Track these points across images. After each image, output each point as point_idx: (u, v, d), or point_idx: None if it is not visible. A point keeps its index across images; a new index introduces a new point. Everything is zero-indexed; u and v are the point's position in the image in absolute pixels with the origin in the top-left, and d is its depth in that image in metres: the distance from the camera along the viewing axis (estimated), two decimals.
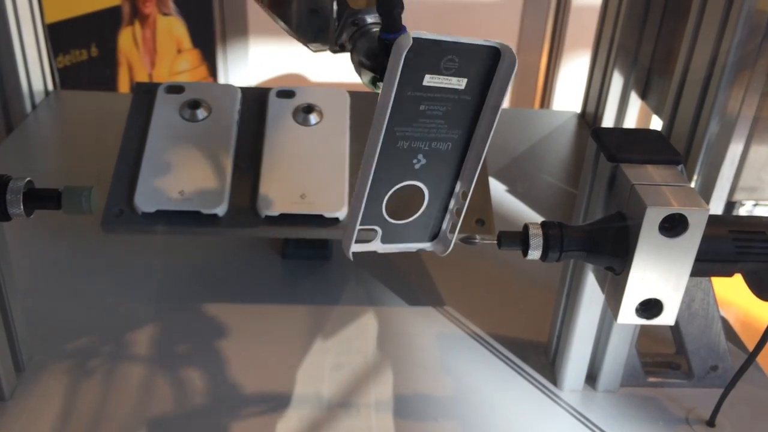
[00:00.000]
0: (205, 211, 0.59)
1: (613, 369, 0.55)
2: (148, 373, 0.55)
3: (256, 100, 0.67)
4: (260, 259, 0.69)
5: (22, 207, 0.41)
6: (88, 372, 0.55)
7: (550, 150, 0.91)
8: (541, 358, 0.59)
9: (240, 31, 1.95)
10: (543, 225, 0.45)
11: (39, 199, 0.41)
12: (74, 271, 0.66)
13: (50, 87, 0.95)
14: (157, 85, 0.66)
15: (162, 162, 0.61)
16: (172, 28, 1.77)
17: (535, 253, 0.45)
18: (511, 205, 0.79)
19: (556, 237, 0.44)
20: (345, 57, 0.50)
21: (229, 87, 0.66)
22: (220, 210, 0.59)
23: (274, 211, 0.59)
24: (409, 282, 0.67)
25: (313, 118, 0.65)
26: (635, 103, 0.90)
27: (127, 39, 1.62)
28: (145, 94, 0.66)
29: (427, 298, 0.65)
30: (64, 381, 0.54)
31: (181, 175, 0.60)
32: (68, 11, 1.40)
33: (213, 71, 1.95)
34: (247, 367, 0.57)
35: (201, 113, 0.64)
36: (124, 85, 1.64)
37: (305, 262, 0.69)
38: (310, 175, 0.61)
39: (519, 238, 0.45)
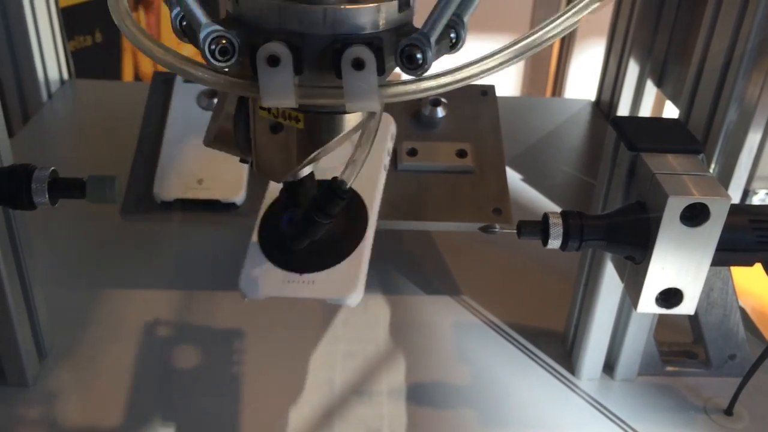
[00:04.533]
0: (224, 199, 0.59)
1: (631, 358, 0.55)
2: (164, 359, 0.56)
3: None
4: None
5: (47, 196, 0.41)
6: (109, 359, 0.56)
7: (565, 139, 0.91)
8: (558, 346, 0.59)
9: None
10: (563, 214, 0.45)
11: (64, 188, 0.42)
12: (94, 260, 0.66)
13: (65, 76, 0.95)
14: (174, 75, 0.66)
15: (180, 151, 0.61)
16: None
17: (555, 243, 0.45)
18: (525, 194, 0.79)
19: (576, 226, 0.44)
20: None
21: None
22: (239, 199, 0.60)
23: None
24: (425, 271, 0.68)
25: None
26: (651, 91, 0.89)
27: None
28: (162, 83, 0.66)
29: (443, 287, 0.66)
30: (86, 368, 0.55)
31: (200, 164, 0.60)
32: None
33: None
34: (261, 354, 0.57)
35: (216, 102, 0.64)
36: (128, 72, 1.64)
37: None
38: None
39: (539, 228, 0.45)
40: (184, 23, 0.30)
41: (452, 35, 0.29)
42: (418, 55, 0.28)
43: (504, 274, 0.67)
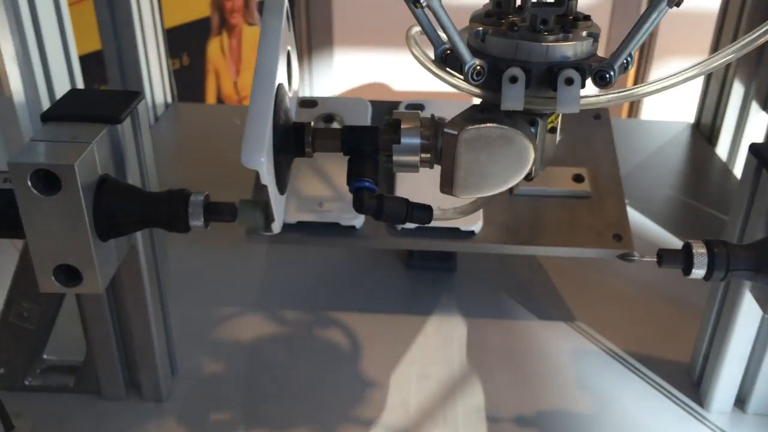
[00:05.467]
0: (344, 222, 0.60)
1: (766, 391, 0.53)
2: (284, 376, 0.57)
3: (384, 113, 0.68)
4: (385, 269, 0.70)
5: (202, 219, 0.43)
6: (235, 376, 0.57)
7: (666, 161, 0.89)
8: (683, 377, 0.57)
9: (325, 40, 1.98)
10: (707, 243, 0.44)
11: (216, 211, 0.43)
12: (218, 278, 0.68)
13: (169, 99, 0.98)
14: None
15: (301, 174, 0.62)
16: (257, 38, 1.82)
17: (699, 272, 0.44)
18: (632, 218, 0.78)
19: (722, 256, 0.43)
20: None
21: (359, 101, 0.68)
22: (358, 222, 0.60)
23: (411, 224, 0.60)
24: (535, 295, 0.67)
25: None
26: (756, 114, 0.87)
27: (215, 48, 1.68)
28: None
29: (557, 312, 0.65)
30: (213, 384, 0.57)
31: (320, 188, 0.62)
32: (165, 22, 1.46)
33: None
34: (375, 374, 0.57)
35: (335, 126, 0.65)
36: (211, 93, 1.70)
37: (429, 273, 0.69)
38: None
39: (680, 257, 0.44)
40: (444, 55, 0.42)
41: (625, 61, 0.39)
42: (607, 75, 0.39)
43: (618, 301, 0.66)
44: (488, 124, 0.40)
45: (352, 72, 1.99)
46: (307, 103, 0.67)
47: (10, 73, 0.64)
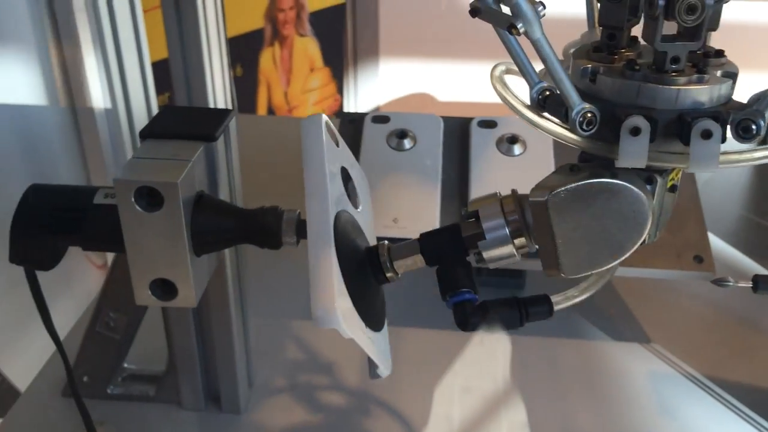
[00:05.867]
0: None
1: None
2: (345, 388, 0.57)
3: (456, 129, 0.68)
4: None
5: (295, 237, 0.43)
6: (307, 388, 0.58)
7: (731, 178, 0.88)
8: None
9: (371, 49, 2.00)
10: None
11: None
12: (288, 291, 0.69)
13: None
14: (362, 114, 0.68)
15: (375, 190, 0.63)
16: (307, 48, 1.84)
17: None
18: None
19: None
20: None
21: (432, 117, 0.68)
22: None
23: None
24: (606, 314, 0.66)
25: (517, 148, 0.65)
26: None
27: (267, 59, 1.70)
28: (350, 122, 0.69)
29: (630, 333, 0.64)
30: (288, 396, 0.57)
31: (394, 203, 0.62)
32: None
33: (340, 89, 2.01)
34: (435, 389, 0.57)
35: (408, 143, 0.65)
36: (262, 104, 1.72)
37: (498, 291, 0.69)
38: None
39: None
40: (542, 96, 0.35)
41: None
42: (753, 127, 0.31)
43: (696, 324, 0.65)
44: (584, 181, 0.33)
45: (396, 82, 1.99)
46: (380, 119, 0.68)
47: (92, 85, 0.66)
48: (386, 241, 0.39)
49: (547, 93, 0.35)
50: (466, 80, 1.91)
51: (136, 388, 0.56)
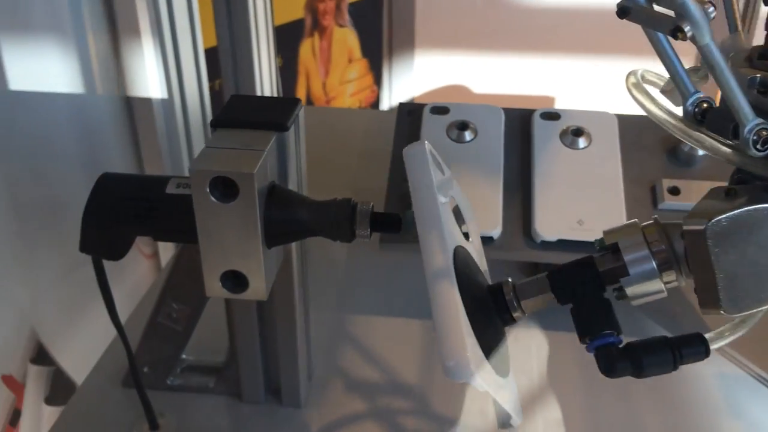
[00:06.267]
0: (482, 233, 0.59)
1: None
2: (401, 384, 0.56)
3: (518, 120, 0.66)
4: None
5: (369, 229, 0.42)
6: (365, 382, 0.57)
7: None
8: None
9: (407, 41, 1.98)
10: None
11: (382, 222, 0.42)
12: (349, 285, 0.68)
13: None
14: (420, 105, 0.67)
15: None
16: (346, 39, 1.83)
17: None
18: None
19: None
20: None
21: (493, 108, 0.66)
22: (495, 233, 0.59)
23: (551, 237, 0.58)
24: (669, 311, 0.64)
25: (582, 141, 0.63)
26: None
27: (307, 50, 1.69)
28: (408, 114, 0.67)
29: (694, 331, 0.62)
30: (347, 390, 0.56)
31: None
32: None
33: (378, 80, 2.00)
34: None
35: (468, 135, 0.64)
36: (301, 93, 1.71)
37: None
38: (587, 201, 0.60)
39: None
40: (698, 109, 0.32)
41: None
42: None
43: (766, 322, 0.63)
44: (748, 207, 0.30)
45: (431, 74, 1.98)
46: (439, 110, 0.66)
47: (148, 74, 0.65)
48: (510, 279, 0.36)
49: (705, 105, 0.32)
50: (500, 73, 1.89)
51: (195, 380, 0.56)
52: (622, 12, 0.31)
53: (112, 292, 0.45)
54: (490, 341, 0.34)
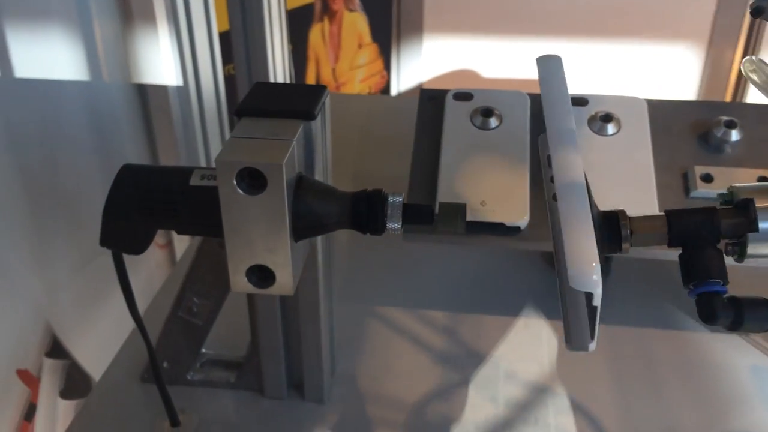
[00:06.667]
0: (509, 223, 0.57)
1: None
2: (423, 378, 0.55)
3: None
4: (539, 273, 0.67)
5: (400, 222, 0.41)
6: (389, 376, 0.56)
7: None
8: None
9: (415, 26, 1.95)
10: None
11: (414, 214, 0.41)
12: (370, 278, 0.67)
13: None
14: (443, 92, 0.65)
15: (460, 171, 0.60)
16: (356, 24, 1.81)
17: None
18: None
19: None
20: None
21: (518, 94, 0.64)
22: (523, 222, 0.57)
23: None
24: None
25: (611, 127, 0.61)
26: None
27: (316, 35, 1.67)
28: (430, 100, 0.66)
29: None
30: (370, 384, 0.55)
31: (481, 186, 0.59)
32: None
33: (387, 65, 1.97)
34: (511, 380, 0.55)
35: (493, 121, 0.62)
36: (311, 79, 1.69)
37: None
38: (617, 189, 0.58)
39: None
40: None
41: None
42: None
43: None
44: None
45: (440, 59, 1.95)
46: (463, 96, 0.64)
47: (164, 60, 0.64)
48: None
49: None
50: (507, 57, 1.86)
51: (216, 375, 0.55)
52: (757, 12, 0.31)
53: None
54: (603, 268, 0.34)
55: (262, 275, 0.41)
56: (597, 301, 0.32)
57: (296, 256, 0.41)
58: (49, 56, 0.63)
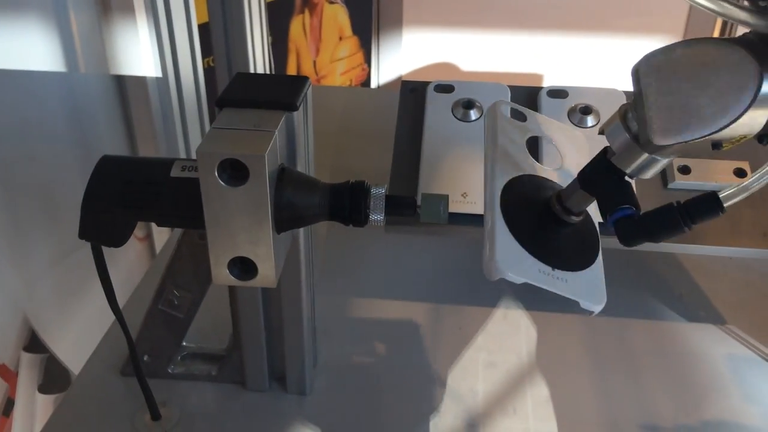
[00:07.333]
0: None
1: None
2: (406, 368, 0.55)
3: (524, 98, 0.65)
4: None
5: (383, 213, 0.41)
6: (370, 367, 0.56)
7: None
8: None
9: (395, 19, 1.95)
10: None
11: (397, 205, 0.41)
12: (351, 270, 0.67)
13: None
14: (424, 83, 0.65)
15: (441, 163, 0.60)
16: (337, 16, 1.80)
17: None
18: None
19: None
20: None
21: (498, 86, 0.65)
22: None
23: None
24: (678, 295, 0.64)
25: (590, 119, 0.62)
26: None
27: (297, 27, 1.66)
28: (411, 92, 0.66)
29: (704, 314, 0.61)
30: (352, 375, 0.55)
31: (462, 177, 0.59)
32: None
33: (368, 58, 1.97)
34: (477, 367, 0.55)
35: (474, 113, 0.62)
36: (291, 72, 1.68)
37: None
38: None
39: None
40: None
41: None
42: None
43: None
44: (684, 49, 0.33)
45: (419, 52, 1.95)
46: (444, 88, 0.64)
47: (143, 51, 0.63)
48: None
49: None
50: (486, 50, 1.87)
51: (197, 368, 0.54)
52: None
53: None
54: (547, 243, 0.40)
55: (244, 267, 0.41)
56: (518, 281, 0.39)
57: (279, 248, 0.41)
58: (25, 47, 0.62)
